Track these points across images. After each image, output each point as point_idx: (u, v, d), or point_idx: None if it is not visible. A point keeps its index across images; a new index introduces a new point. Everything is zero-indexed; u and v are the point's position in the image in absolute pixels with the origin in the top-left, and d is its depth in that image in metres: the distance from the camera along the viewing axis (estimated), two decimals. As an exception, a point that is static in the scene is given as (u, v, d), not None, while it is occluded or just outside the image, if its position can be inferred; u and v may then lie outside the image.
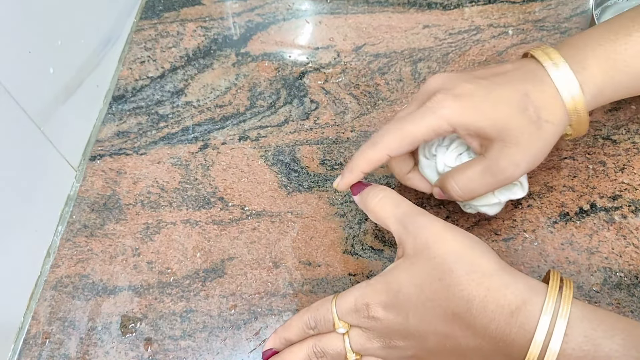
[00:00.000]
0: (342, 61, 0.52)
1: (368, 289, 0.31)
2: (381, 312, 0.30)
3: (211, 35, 0.56)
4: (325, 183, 0.44)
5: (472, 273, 0.28)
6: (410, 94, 0.49)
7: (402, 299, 0.30)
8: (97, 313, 0.39)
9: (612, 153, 0.43)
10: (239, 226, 0.42)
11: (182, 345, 0.37)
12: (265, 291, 0.39)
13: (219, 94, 0.51)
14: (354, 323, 0.32)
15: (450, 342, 0.29)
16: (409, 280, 0.30)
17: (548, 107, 0.33)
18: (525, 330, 0.26)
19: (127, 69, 0.53)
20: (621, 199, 0.41)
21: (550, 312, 0.26)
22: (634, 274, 0.38)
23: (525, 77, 0.33)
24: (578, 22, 0.53)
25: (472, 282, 0.28)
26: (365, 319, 0.31)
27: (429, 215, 0.31)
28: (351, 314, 0.31)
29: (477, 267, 0.28)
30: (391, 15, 0.56)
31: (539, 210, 0.41)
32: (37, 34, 0.40)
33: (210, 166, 0.46)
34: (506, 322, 0.27)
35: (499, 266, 0.28)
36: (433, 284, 0.29)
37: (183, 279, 0.40)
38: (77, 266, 0.41)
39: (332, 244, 0.41)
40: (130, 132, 0.48)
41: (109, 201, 0.44)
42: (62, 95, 0.44)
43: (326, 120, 0.48)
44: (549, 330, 0.26)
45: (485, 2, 0.56)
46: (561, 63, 0.33)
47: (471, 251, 0.29)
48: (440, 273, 0.29)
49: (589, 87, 0.33)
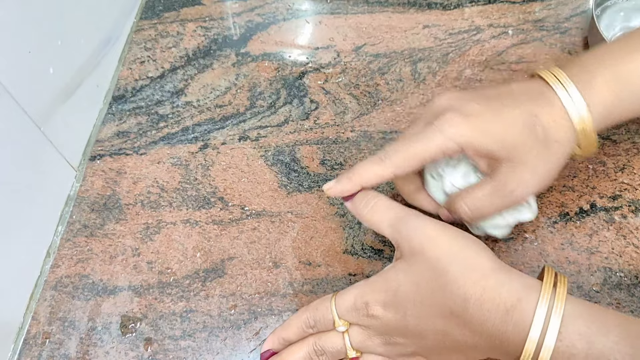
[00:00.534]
0: (342, 61, 0.52)
1: (367, 288, 0.31)
2: (380, 310, 0.31)
3: (211, 35, 0.56)
4: (325, 183, 0.44)
5: (468, 272, 0.28)
6: (410, 94, 0.49)
7: (400, 297, 0.30)
8: (97, 313, 0.39)
9: (612, 153, 0.43)
10: (239, 226, 0.42)
11: (182, 345, 0.37)
12: (265, 291, 0.39)
13: (219, 94, 0.51)
14: (354, 321, 0.32)
15: (449, 339, 0.29)
16: (406, 280, 0.30)
17: (556, 128, 0.32)
18: (520, 328, 0.27)
19: (127, 69, 0.53)
20: (621, 199, 0.41)
21: (545, 309, 0.26)
22: (634, 274, 0.38)
23: (533, 97, 0.33)
24: (578, 22, 0.53)
25: (468, 282, 0.28)
26: (365, 317, 0.31)
27: (422, 217, 0.31)
28: (351, 313, 0.32)
29: (472, 267, 0.29)
30: (391, 15, 0.56)
31: (538, 210, 0.41)
32: (37, 34, 0.40)
33: (210, 166, 0.46)
34: (502, 320, 0.27)
35: (494, 265, 0.29)
36: (430, 284, 0.29)
37: (183, 279, 0.40)
38: (77, 266, 0.41)
39: (332, 244, 0.41)
40: (130, 132, 0.48)
41: (109, 201, 0.44)
42: (62, 95, 0.44)
43: (326, 120, 0.48)
44: (543, 327, 0.26)
45: (485, 2, 0.56)
46: (569, 84, 0.33)
47: (466, 251, 0.29)
48: (436, 274, 0.29)
49: (597, 108, 0.33)
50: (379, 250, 0.40)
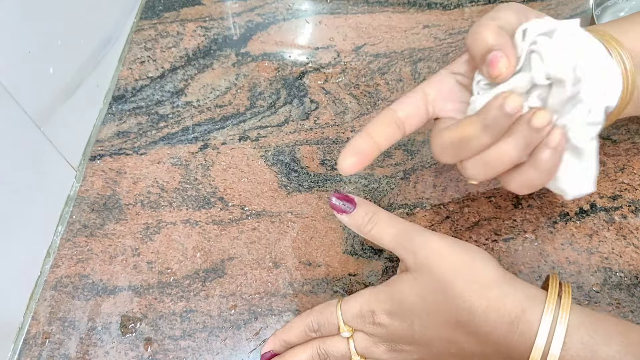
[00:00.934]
0: (342, 61, 0.52)
1: (373, 297, 0.32)
2: (386, 319, 0.31)
3: (211, 35, 0.56)
4: (325, 183, 0.44)
5: (473, 285, 0.29)
6: (410, 94, 0.49)
7: (406, 308, 0.30)
8: (97, 313, 0.39)
9: (612, 153, 0.43)
10: (239, 226, 0.42)
11: (182, 345, 0.37)
12: (265, 291, 0.39)
13: (219, 94, 0.51)
14: (359, 328, 0.32)
15: (454, 347, 0.30)
16: (412, 292, 0.30)
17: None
18: (525, 338, 0.27)
19: (127, 69, 0.53)
20: (621, 199, 0.41)
21: (550, 319, 0.27)
22: (634, 274, 0.38)
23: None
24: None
25: (474, 294, 0.29)
26: (371, 325, 0.32)
27: (424, 232, 0.32)
28: (356, 319, 0.32)
29: (477, 279, 0.29)
30: (391, 15, 0.56)
31: (539, 210, 0.41)
32: (37, 34, 0.40)
33: (210, 166, 0.46)
34: (507, 330, 0.28)
35: (498, 276, 0.29)
36: (436, 296, 0.30)
37: (183, 279, 0.40)
38: (77, 266, 0.41)
39: (332, 244, 0.41)
40: (130, 132, 0.48)
41: (109, 201, 0.44)
42: (62, 95, 0.44)
43: (326, 120, 0.48)
44: (548, 337, 0.27)
45: (485, 2, 0.56)
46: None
47: (471, 263, 0.30)
48: (441, 287, 0.29)
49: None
50: (379, 251, 0.40)
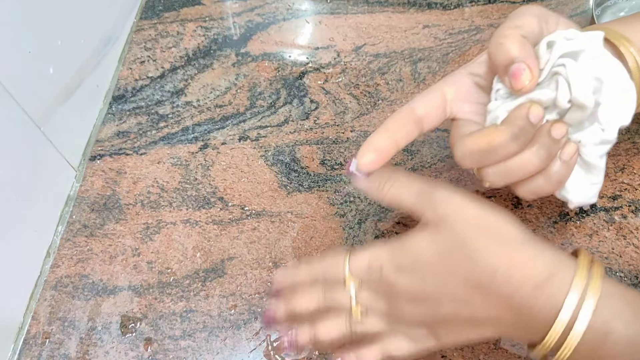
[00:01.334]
0: (342, 61, 0.52)
1: (383, 252, 0.30)
2: (394, 275, 0.29)
3: (211, 35, 0.56)
4: (325, 183, 0.44)
5: (496, 243, 0.27)
6: (410, 94, 0.49)
7: (420, 265, 0.29)
8: (97, 313, 0.39)
9: (612, 153, 0.43)
10: (239, 226, 0.42)
11: (182, 345, 0.37)
12: (265, 291, 0.39)
13: (219, 94, 0.51)
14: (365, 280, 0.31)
15: (467, 311, 0.28)
16: (429, 248, 0.29)
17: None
18: (551, 306, 0.25)
19: (127, 69, 0.53)
20: (621, 199, 0.41)
21: (579, 289, 0.25)
22: (634, 274, 0.38)
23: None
24: (578, 22, 0.53)
25: (496, 252, 0.27)
26: (377, 280, 0.30)
27: (446, 188, 0.30)
28: (363, 272, 0.31)
29: (501, 237, 0.27)
30: (391, 15, 0.56)
31: (539, 210, 0.41)
32: (37, 34, 0.40)
33: (210, 166, 0.46)
34: (531, 294, 0.26)
35: (524, 236, 0.27)
36: (454, 254, 0.28)
37: (183, 279, 0.40)
38: (77, 266, 0.41)
39: (332, 244, 0.41)
40: (130, 132, 0.48)
41: (109, 201, 0.44)
42: (62, 95, 0.44)
43: (326, 120, 0.48)
44: (575, 308, 0.25)
45: (485, 2, 0.56)
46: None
47: (494, 221, 0.28)
48: (462, 243, 0.27)
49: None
50: (379, 250, 0.40)
